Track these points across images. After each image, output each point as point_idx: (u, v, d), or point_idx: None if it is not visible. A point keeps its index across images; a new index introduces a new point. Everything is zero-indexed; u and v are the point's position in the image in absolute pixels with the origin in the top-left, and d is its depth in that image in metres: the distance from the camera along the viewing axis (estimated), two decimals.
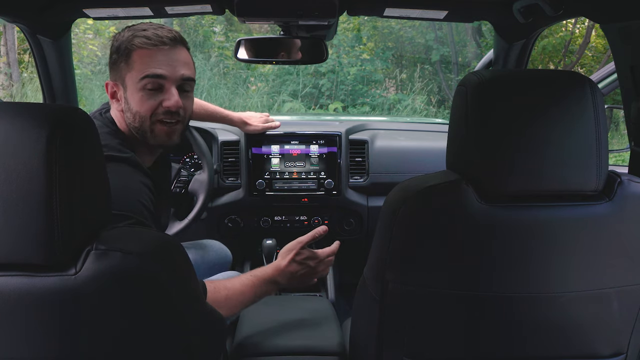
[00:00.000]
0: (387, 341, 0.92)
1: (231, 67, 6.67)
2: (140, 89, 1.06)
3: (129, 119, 1.10)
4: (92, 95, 5.94)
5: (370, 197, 1.96)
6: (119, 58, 1.08)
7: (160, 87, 1.08)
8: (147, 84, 1.06)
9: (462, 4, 1.44)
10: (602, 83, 1.84)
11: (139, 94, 1.07)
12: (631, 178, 0.84)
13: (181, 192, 1.70)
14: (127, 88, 1.08)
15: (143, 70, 1.06)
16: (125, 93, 1.09)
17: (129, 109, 1.09)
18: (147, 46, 1.06)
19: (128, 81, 1.08)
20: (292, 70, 6.48)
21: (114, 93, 1.11)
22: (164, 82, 1.07)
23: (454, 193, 0.81)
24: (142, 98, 1.07)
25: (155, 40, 1.06)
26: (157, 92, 1.07)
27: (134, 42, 1.06)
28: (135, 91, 1.07)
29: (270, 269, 1.15)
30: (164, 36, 1.07)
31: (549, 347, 0.89)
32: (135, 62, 1.06)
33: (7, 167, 0.63)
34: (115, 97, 1.11)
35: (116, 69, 1.10)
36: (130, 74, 1.07)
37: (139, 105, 1.07)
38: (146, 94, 1.07)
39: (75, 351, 0.69)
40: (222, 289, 1.05)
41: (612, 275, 0.85)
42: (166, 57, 1.07)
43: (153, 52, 1.06)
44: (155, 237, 0.74)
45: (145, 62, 1.06)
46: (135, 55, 1.06)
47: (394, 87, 7.02)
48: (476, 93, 0.81)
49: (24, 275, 0.66)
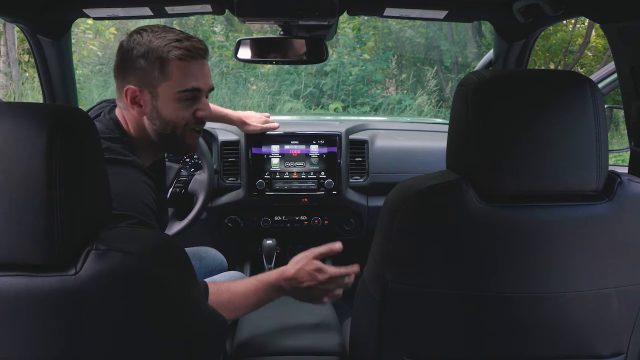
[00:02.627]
0: (387, 341, 0.92)
1: (231, 67, 6.67)
2: (177, 99, 1.09)
3: (158, 126, 1.10)
4: (92, 95, 5.94)
5: (370, 197, 1.96)
6: (150, 66, 1.06)
7: (195, 98, 1.11)
8: (186, 96, 1.09)
9: (462, 4, 1.44)
10: (602, 83, 1.84)
11: (175, 104, 1.09)
12: (631, 178, 0.84)
13: (181, 192, 1.70)
14: (158, 96, 1.08)
15: (183, 83, 1.08)
16: (155, 101, 1.08)
17: (158, 117, 1.09)
18: (186, 58, 1.07)
19: (162, 90, 1.07)
20: (292, 70, 6.47)
21: (136, 98, 1.09)
22: (199, 94, 1.11)
23: (454, 193, 0.81)
24: (179, 108, 1.09)
25: (193, 53, 1.07)
26: (192, 102, 1.11)
27: (172, 52, 1.06)
28: (171, 101, 1.09)
29: (275, 274, 1.12)
30: (200, 48, 1.09)
31: (549, 347, 0.89)
32: (173, 74, 1.06)
33: (7, 167, 0.63)
34: (137, 102, 1.09)
35: (144, 76, 1.07)
36: (166, 84, 1.07)
37: (174, 115, 1.10)
38: (183, 104, 1.10)
39: (76, 351, 0.69)
40: (225, 291, 1.04)
41: (612, 275, 0.85)
42: (201, 70, 1.10)
43: (191, 64, 1.08)
44: (155, 237, 0.74)
45: (184, 75, 1.07)
46: (174, 66, 1.06)
47: (394, 87, 7.02)
48: (476, 93, 0.81)
49: (24, 275, 0.66)
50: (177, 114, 1.10)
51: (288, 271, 1.12)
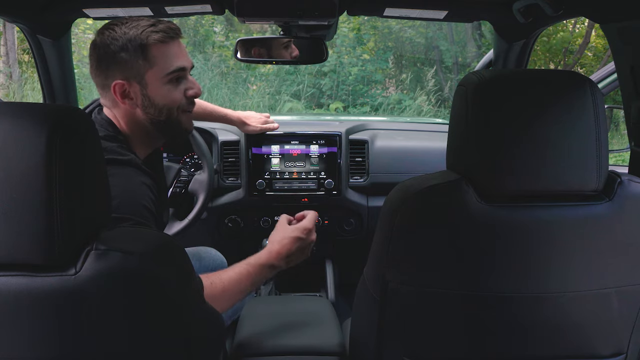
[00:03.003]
0: (387, 341, 0.92)
1: (231, 67, 6.67)
2: (166, 82, 1.09)
3: (153, 113, 1.10)
4: (92, 95, 5.94)
5: (370, 197, 1.96)
6: (132, 56, 1.05)
7: (181, 78, 1.11)
8: (173, 77, 1.09)
9: (462, 4, 1.44)
10: (602, 83, 1.84)
11: (165, 87, 1.09)
12: (631, 178, 0.84)
13: (181, 192, 1.70)
14: (147, 85, 1.08)
15: (168, 65, 1.08)
16: (145, 90, 1.08)
17: (151, 105, 1.09)
18: (166, 40, 1.07)
19: (149, 78, 1.07)
20: (292, 70, 6.47)
21: (125, 92, 1.08)
22: (184, 72, 1.12)
23: (454, 193, 0.81)
24: (170, 91, 1.10)
25: (171, 33, 1.08)
26: (179, 83, 1.11)
27: (151, 37, 1.05)
28: (160, 85, 1.08)
29: (264, 255, 1.14)
30: (174, 29, 1.09)
31: (549, 347, 0.89)
32: (156, 58, 1.06)
33: (7, 167, 0.63)
34: (127, 95, 1.08)
35: (129, 68, 1.06)
36: (152, 70, 1.07)
37: (166, 99, 1.10)
38: (172, 86, 1.10)
39: (76, 351, 0.69)
40: (218, 282, 1.04)
41: (612, 275, 0.85)
42: (180, 49, 1.10)
43: (170, 45, 1.08)
44: (155, 237, 0.74)
45: (167, 57, 1.07)
46: (155, 51, 1.06)
47: (394, 87, 7.02)
48: (476, 93, 0.81)
49: (24, 275, 0.66)
50: (169, 97, 1.10)
51: (273, 248, 1.14)
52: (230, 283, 1.06)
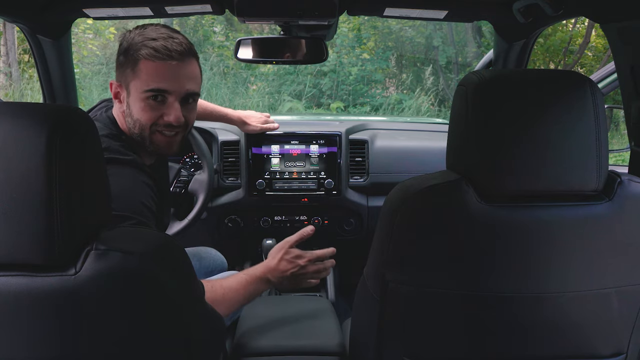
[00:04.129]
0: (387, 341, 0.92)
1: (231, 67, 6.67)
2: (143, 99, 1.06)
3: (130, 123, 1.10)
4: (92, 95, 5.94)
5: (370, 197, 1.96)
6: (126, 62, 1.06)
7: (163, 100, 1.07)
8: (150, 96, 1.05)
9: (462, 4, 1.44)
10: (602, 83, 1.83)
11: (141, 103, 1.06)
12: (631, 178, 0.84)
13: (181, 192, 1.70)
14: (130, 94, 1.07)
15: (148, 82, 1.05)
16: (128, 98, 1.08)
17: (129, 114, 1.09)
18: (154, 59, 1.04)
19: (132, 88, 1.07)
20: (292, 70, 6.47)
21: (118, 93, 1.10)
22: (168, 95, 1.07)
23: (454, 193, 0.81)
24: (145, 108, 1.06)
25: (163, 53, 1.03)
26: (159, 104, 1.07)
27: (141, 51, 1.03)
28: (138, 100, 1.06)
29: (260, 267, 1.16)
30: (173, 50, 1.04)
31: (549, 347, 0.89)
32: (141, 72, 1.04)
33: (7, 167, 0.63)
34: (118, 97, 1.11)
35: (122, 72, 1.08)
36: (134, 82, 1.06)
37: (140, 114, 1.07)
38: (148, 104, 1.06)
39: (76, 351, 0.69)
40: (219, 287, 1.06)
41: (612, 275, 0.85)
42: (172, 72, 1.05)
43: (159, 65, 1.04)
44: (155, 237, 0.74)
45: (151, 75, 1.04)
46: (142, 65, 1.04)
47: (394, 87, 7.02)
48: (476, 93, 0.81)
49: (24, 275, 0.66)
50: (142, 113, 1.07)
51: (271, 263, 1.16)
52: (229, 289, 1.08)
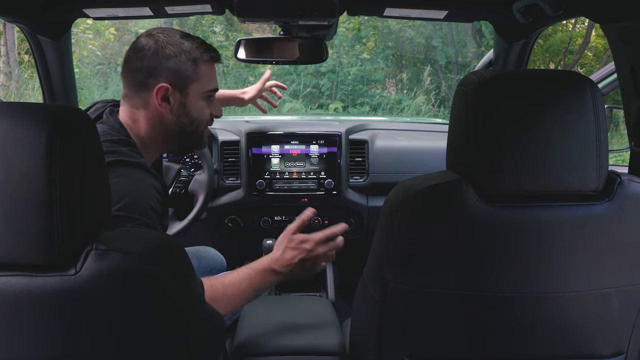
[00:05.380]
0: (387, 341, 0.92)
1: (231, 67, 6.67)
2: (204, 99, 1.17)
3: (184, 122, 1.16)
4: (92, 95, 5.94)
5: (370, 197, 1.96)
6: (184, 65, 1.11)
7: (211, 98, 1.20)
8: (208, 95, 1.18)
9: (462, 4, 1.44)
10: (602, 83, 1.84)
11: (202, 103, 1.17)
12: (631, 178, 0.84)
13: (181, 192, 1.70)
14: (188, 95, 1.14)
15: (210, 84, 1.17)
16: (184, 99, 1.14)
17: (185, 114, 1.15)
18: (214, 62, 1.17)
19: (192, 89, 1.14)
20: (292, 70, 6.47)
21: (166, 96, 1.12)
22: (215, 94, 1.21)
23: (454, 193, 0.81)
24: (205, 107, 1.18)
25: (218, 57, 1.18)
26: (209, 102, 1.20)
27: (204, 55, 1.13)
28: (199, 100, 1.16)
29: (265, 259, 1.15)
30: (219, 53, 1.19)
31: (549, 347, 0.89)
32: (203, 75, 1.14)
33: (7, 167, 0.63)
34: (167, 100, 1.12)
35: (178, 75, 1.11)
36: (196, 84, 1.14)
37: (200, 113, 1.18)
38: (206, 104, 1.18)
39: (76, 351, 0.69)
40: (219, 285, 1.05)
41: (612, 275, 0.85)
42: (216, 72, 1.20)
43: (213, 68, 1.18)
44: (155, 237, 0.74)
45: (210, 76, 1.17)
46: (204, 67, 1.14)
47: (393, 87, 7.02)
48: (476, 93, 0.81)
49: (24, 275, 0.66)
50: (202, 111, 1.18)
51: (275, 254, 1.15)
52: (231, 286, 1.07)
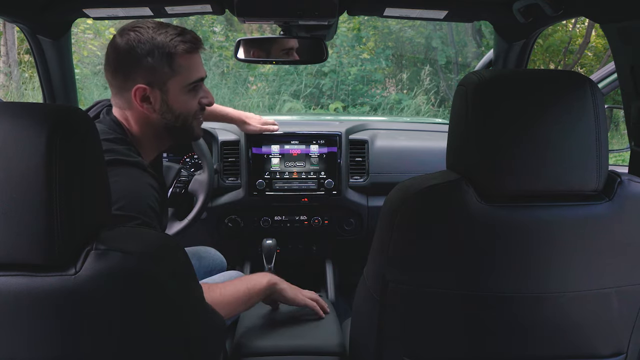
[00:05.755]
0: (387, 341, 0.92)
1: (231, 67, 6.67)
2: (186, 92, 1.12)
3: (170, 119, 1.12)
4: (92, 95, 5.94)
5: (370, 197, 1.96)
6: (158, 62, 1.06)
7: (200, 87, 1.15)
8: (193, 87, 1.12)
9: (462, 4, 1.44)
10: (602, 83, 1.84)
11: (184, 97, 1.12)
12: (631, 178, 0.84)
13: (181, 192, 1.70)
14: (168, 92, 1.09)
15: (191, 75, 1.11)
16: (165, 96, 1.09)
17: (169, 111, 1.11)
18: (192, 51, 1.10)
19: (171, 85, 1.09)
20: (292, 70, 6.47)
21: (145, 97, 1.08)
22: (201, 83, 1.15)
23: (454, 193, 0.81)
24: (188, 100, 1.13)
25: (197, 45, 1.11)
26: (195, 92, 1.14)
27: (179, 47, 1.07)
28: (181, 94, 1.11)
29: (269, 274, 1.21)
30: (198, 39, 1.12)
31: (549, 347, 0.89)
32: (181, 68, 1.09)
33: (7, 167, 0.63)
34: (147, 100, 1.09)
35: (153, 73, 1.06)
36: (175, 79, 1.09)
37: (185, 107, 1.13)
38: (191, 95, 1.13)
39: (76, 351, 0.69)
40: (216, 287, 1.08)
41: (612, 275, 0.85)
42: (200, 60, 1.14)
43: (194, 56, 1.11)
44: (155, 237, 0.74)
45: (191, 68, 1.10)
46: (181, 60, 1.08)
47: (393, 87, 7.02)
48: (476, 93, 0.81)
49: (24, 275, 0.66)
50: (186, 105, 1.13)
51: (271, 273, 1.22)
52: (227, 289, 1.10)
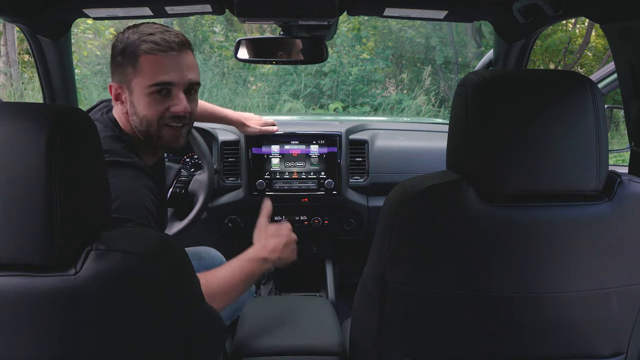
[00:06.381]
0: (387, 341, 0.92)
1: (231, 67, 6.67)
2: (148, 94, 1.07)
3: (135, 122, 1.10)
4: (91, 95, 5.95)
5: (370, 197, 1.96)
6: (125, 61, 1.06)
7: (168, 92, 1.08)
8: (156, 90, 1.06)
9: (462, 4, 1.44)
10: (602, 83, 1.83)
11: (147, 99, 1.07)
12: (631, 178, 0.84)
13: (181, 192, 1.70)
14: (133, 92, 1.07)
15: (152, 77, 1.05)
16: (131, 96, 1.08)
17: (135, 113, 1.09)
18: (155, 52, 1.05)
19: (135, 86, 1.07)
20: (292, 70, 6.48)
21: (118, 95, 1.10)
22: (172, 87, 1.08)
23: (454, 193, 0.81)
24: (150, 103, 1.07)
25: (163, 46, 1.05)
26: (164, 97, 1.08)
27: (141, 47, 1.04)
28: (143, 96, 1.07)
29: (252, 250, 1.17)
30: (171, 41, 1.06)
31: (548, 347, 0.89)
32: (143, 68, 1.05)
33: (7, 167, 0.63)
34: (120, 99, 1.10)
35: (121, 72, 1.08)
36: (137, 79, 1.06)
37: (146, 110, 1.07)
38: (154, 99, 1.07)
39: (76, 351, 0.69)
40: (214, 278, 1.06)
41: (612, 275, 0.85)
42: (174, 63, 1.07)
43: (161, 58, 1.05)
44: (155, 237, 0.74)
45: (153, 69, 1.05)
46: (143, 60, 1.05)
47: (394, 87, 7.02)
48: (476, 93, 0.81)
49: (24, 275, 0.66)
50: (148, 109, 1.07)
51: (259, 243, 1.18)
52: (225, 279, 1.08)
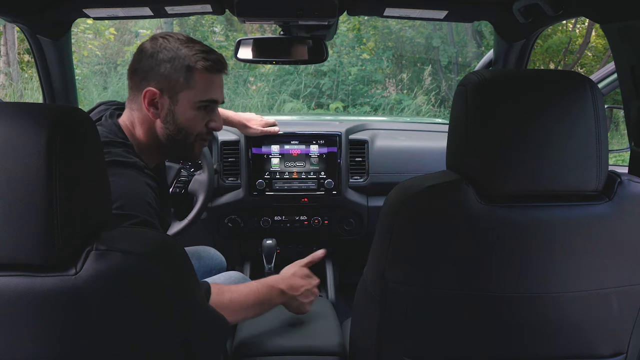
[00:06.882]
0: (387, 341, 0.92)
1: (231, 67, 6.68)
2: (195, 108, 1.11)
3: (171, 130, 1.12)
4: (91, 95, 5.95)
5: (370, 197, 1.96)
6: (176, 72, 1.07)
7: (211, 109, 1.14)
8: (202, 106, 1.11)
9: (462, 4, 1.44)
10: (602, 83, 1.83)
11: (193, 112, 1.11)
12: (631, 178, 0.84)
13: (181, 192, 1.70)
14: (178, 102, 1.09)
15: (205, 94, 1.10)
16: (173, 106, 1.09)
17: (173, 122, 1.11)
18: (212, 71, 1.10)
19: (182, 97, 1.09)
20: (292, 70, 6.48)
21: (154, 100, 1.09)
22: (215, 105, 1.15)
23: (454, 193, 0.81)
24: (195, 117, 1.12)
25: (219, 66, 1.11)
26: (206, 114, 1.14)
27: (200, 63, 1.08)
28: (189, 109, 1.11)
29: (274, 277, 1.17)
30: (223, 63, 1.13)
31: (548, 347, 0.89)
32: (197, 83, 1.09)
33: (7, 167, 0.63)
34: (154, 104, 1.09)
35: (167, 80, 1.07)
36: (188, 92, 1.09)
37: (190, 123, 1.12)
38: (199, 114, 1.12)
39: (76, 351, 0.69)
40: (227, 291, 1.05)
41: (612, 275, 0.85)
42: (220, 84, 1.14)
43: (214, 77, 1.12)
44: (155, 237, 0.74)
45: (207, 86, 1.10)
46: (199, 76, 1.08)
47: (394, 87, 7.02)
48: (476, 93, 0.81)
49: (25, 275, 0.66)
50: (192, 122, 1.12)
51: (285, 275, 1.18)
52: (239, 296, 1.07)
